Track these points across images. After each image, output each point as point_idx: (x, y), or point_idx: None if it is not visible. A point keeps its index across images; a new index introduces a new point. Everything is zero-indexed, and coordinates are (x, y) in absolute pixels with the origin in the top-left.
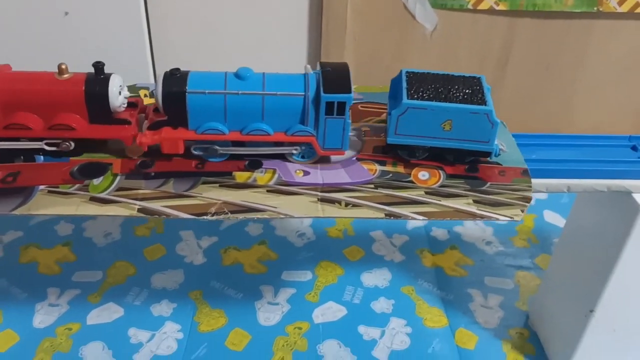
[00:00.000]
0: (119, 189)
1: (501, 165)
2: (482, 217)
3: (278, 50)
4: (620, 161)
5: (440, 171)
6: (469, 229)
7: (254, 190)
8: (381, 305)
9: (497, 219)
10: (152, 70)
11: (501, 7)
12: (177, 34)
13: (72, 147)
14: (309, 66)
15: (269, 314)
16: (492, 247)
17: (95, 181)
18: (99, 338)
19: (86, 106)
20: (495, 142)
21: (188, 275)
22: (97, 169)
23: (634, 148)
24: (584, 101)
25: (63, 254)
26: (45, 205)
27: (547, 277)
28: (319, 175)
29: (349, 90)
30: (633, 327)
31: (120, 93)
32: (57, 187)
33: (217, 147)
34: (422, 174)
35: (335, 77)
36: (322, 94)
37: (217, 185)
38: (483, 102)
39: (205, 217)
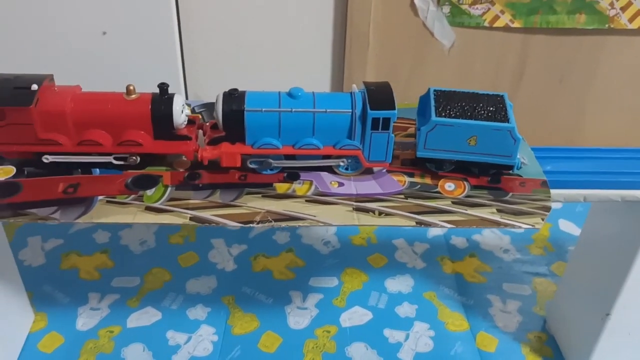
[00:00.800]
0: (171, 199)
1: (522, 177)
2: (505, 225)
3: (304, 66)
4: (632, 172)
5: (465, 182)
6: (487, 237)
7: (294, 200)
8: (405, 310)
9: (520, 227)
10: (184, 88)
11: (516, 25)
12: (208, 52)
13: (138, 161)
14: (354, 85)
15: (298, 318)
16: (510, 255)
17: (149, 192)
18: (139, 340)
19: (152, 124)
20: (517, 156)
21: (220, 281)
22: (149, 181)
23: None
24: (596, 114)
25: (102, 260)
26: (106, 214)
27: (563, 283)
28: (353, 186)
29: (393, 107)
30: None
31: (182, 112)
32: (115, 198)
33: (271, 161)
34: (449, 185)
35: (379, 95)
36: (368, 110)
37: (260, 195)
38: (506, 119)
39: (251, 224)
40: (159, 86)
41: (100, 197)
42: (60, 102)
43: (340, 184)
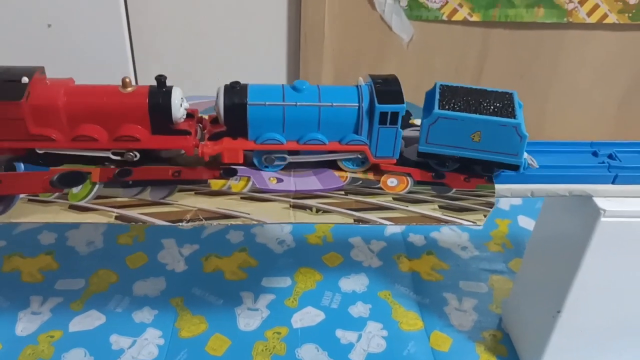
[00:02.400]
0: (97, 197)
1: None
2: (446, 222)
3: (258, 59)
4: (581, 166)
5: (408, 178)
6: (445, 234)
7: (228, 197)
8: (358, 309)
9: (461, 224)
10: (134, 81)
11: (475, 18)
12: (158, 44)
13: (136, 158)
14: (361, 78)
15: (248, 319)
16: (468, 252)
17: (75, 189)
18: (81, 345)
19: (149, 118)
20: (524, 156)
21: (170, 282)
22: (76, 178)
23: (594, 154)
24: (557, 109)
25: (46, 262)
26: (25, 213)
27: (518, 280)
28: (292, 182)
29: (402, 101)
30: (600, 329)
31: (181, 105)
32: (37, 196)
33: (275, 156)
34: (391, 181)
35: (387, 89)
36: (376, 104)
37: (193, 192)
38: (512, 115)
39: (180, 223)
40: (156, 78)
41: (22, 196)
42: (53, 95)
43: (279, 180)
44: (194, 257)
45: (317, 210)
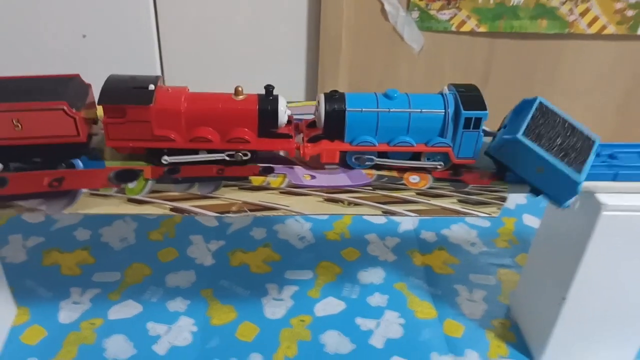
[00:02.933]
0: (152, 191)
1: (481, 169)
2: (465, 214)
3: (278, 66)
4: None
5: (428, 175)
6: (455, 231)
7: (268, 192)
8: (376, 300)
9: (478, 216)
10: None
11: (482, 29)
12: (185, 54)
13: (244, 158)
14: (445, 87)
15: (274, 308)
16: (477, 248)
17: (130, 185)
18: (120, 331)
19: (258, 122)
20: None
21: (199, 275)
22: (131, 175)
23: (596, 154)
24: None
25: (83, 257)
26: (90, 206)
27: (524, 273)
28: (324, 178)
29: (485, 108)
30: (601, 317)
31: (285, 111)
32: (98, 190)
33: (367, 157)
34: (413, 178)
35: (471, 97)
36: (462, 110)
37: (237, 188)
38: (580, 169)
39: (228, 214)
40: (265, 87)
41: (84, 190)
42: (176, 101)
43: (313, 177)
44: (221, 252)
45: (349, 203)
